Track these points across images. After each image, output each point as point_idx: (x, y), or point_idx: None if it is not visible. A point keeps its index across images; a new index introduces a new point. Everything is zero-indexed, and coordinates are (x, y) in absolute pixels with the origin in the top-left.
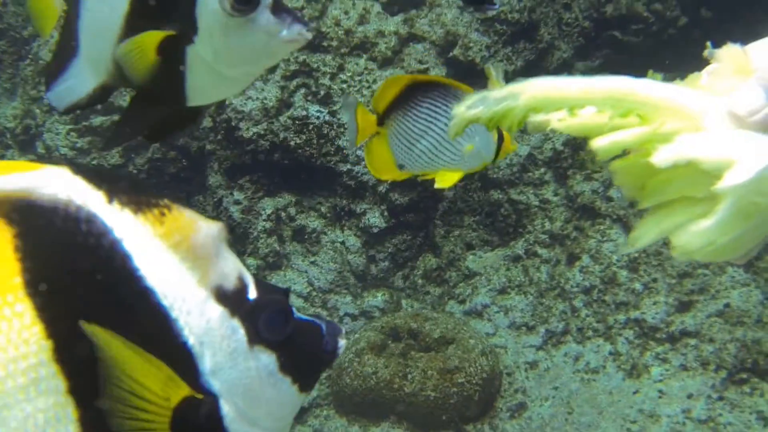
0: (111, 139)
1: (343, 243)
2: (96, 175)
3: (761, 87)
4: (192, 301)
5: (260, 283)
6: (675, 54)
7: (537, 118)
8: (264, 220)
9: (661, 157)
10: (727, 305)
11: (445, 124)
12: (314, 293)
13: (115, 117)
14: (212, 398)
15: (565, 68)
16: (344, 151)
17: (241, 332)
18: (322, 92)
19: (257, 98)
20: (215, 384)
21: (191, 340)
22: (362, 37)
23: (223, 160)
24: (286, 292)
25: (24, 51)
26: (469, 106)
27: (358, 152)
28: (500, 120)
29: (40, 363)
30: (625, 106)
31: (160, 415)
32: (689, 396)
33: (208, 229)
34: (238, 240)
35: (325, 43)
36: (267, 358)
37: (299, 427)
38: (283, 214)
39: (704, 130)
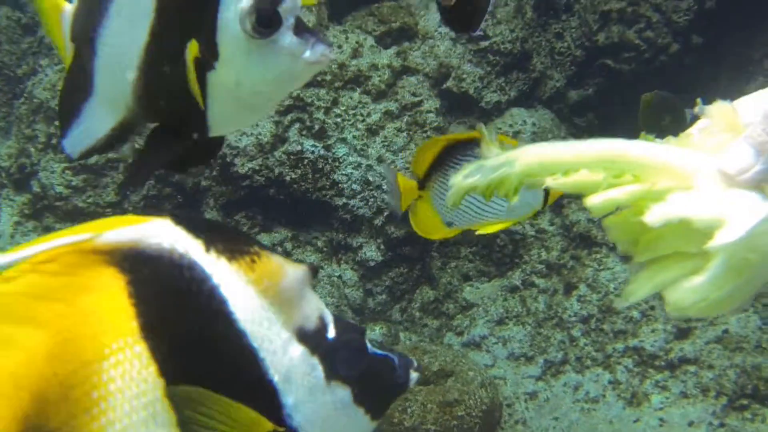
0: (131, 176)
1: (339, 277)
2: (195, 225)
3: (750, 146)
4: (278, 341)
5: (339, 322)
6: (667, 81)
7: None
8: None
9: (654, 216)
10: (725, 331)
11: None
12: None
13: (111, 154)
14: None
15: (558, 97)
16: (339, 185)
17: (320, 369)
18: (316, 127)
19: (252, 134)
20: (296, 418)
21: (276, 378)
22: (356, 70)
23: (219, 196)
24: (363, 330)
25: (18, 89)
26: (466, 176)
27: (354, 186)
28: (497, 187)
29: (156, 399)
30: (618, 168)
31: None
32: (690, 423)
33: (294, 274)
34: None
35: (318, 78)
36: (342, 392)
37: None
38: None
39: (696, 189)
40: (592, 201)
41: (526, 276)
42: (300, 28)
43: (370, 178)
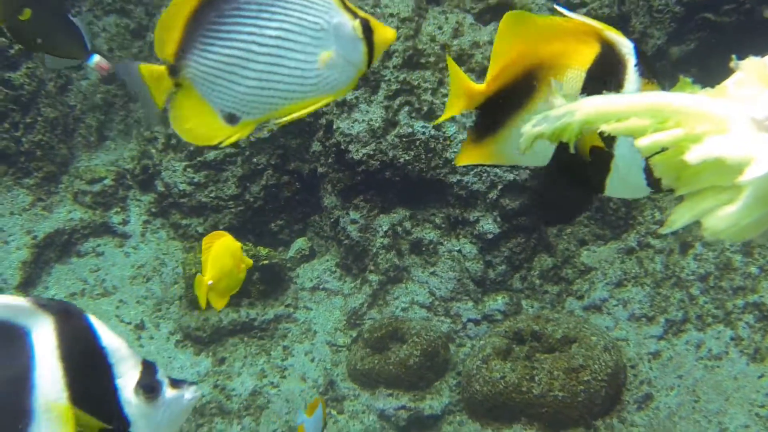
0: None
1: (459, 251)
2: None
3: None
4: None
5: None
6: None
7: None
8: (381, 237)
9: (693, 155)
10: None
11: (278, 31)
12: (437, 302)
13: (228, 150)
14: None
15: (660, 55)
16: (452, 163)
17: None
18: (425, 108)
19: (363, 120)
20: None
21: None
22: (458, 49)
23: (336, 182)
24: None
25: (133, 93)
26: (534, 124)
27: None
28: (561, 134)
29: None
30: (663, 115)
31: None
32: None
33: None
34: (358, 257)
35: (422, 60)
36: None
37: None
38: (399, 228)
39: (729, 133)
40: (642, 142)
41: (641, 237)
42: (173, 382)
43: None
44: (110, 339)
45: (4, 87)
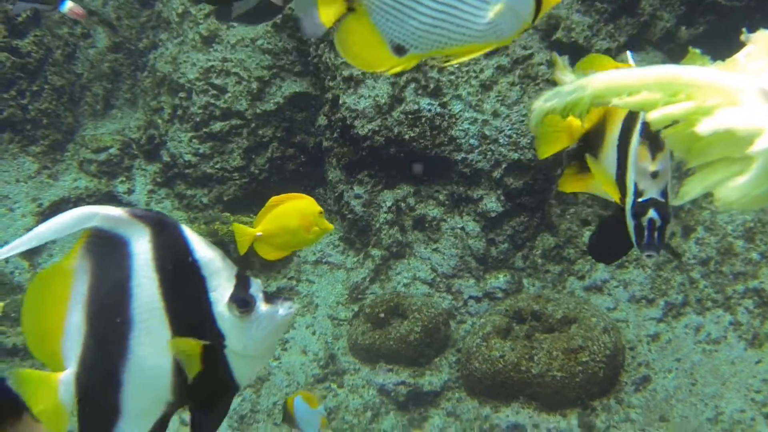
0: None
1: (462, 228)
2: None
3: None
4: None
5: None
6: None
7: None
8: (385, 212)
9: (704, 126)
10: None
11: None
12: (438, 279)
13: (234, 121)
14: None
15: (668, 38)
16: (457, 140)
17: None
18: (431, 85)
19: (369, 96)
20: None
21: None
22: None
23: (341, 156)
24: None
25: (140, 62)
26: (546, 99)
27: (472, 141)
28: (572, 108)
29: None
30: (674, 88)
31: None
32: None
33: None
34: (361, 232)
35: None
36: None
37: (432, 409)
38: (402, 204)
39: (740, 105)
40: (653, 116)
41: None
42: (268, 297)
43: (487, 133)
44: (204, 251)
45: (12, 54)
